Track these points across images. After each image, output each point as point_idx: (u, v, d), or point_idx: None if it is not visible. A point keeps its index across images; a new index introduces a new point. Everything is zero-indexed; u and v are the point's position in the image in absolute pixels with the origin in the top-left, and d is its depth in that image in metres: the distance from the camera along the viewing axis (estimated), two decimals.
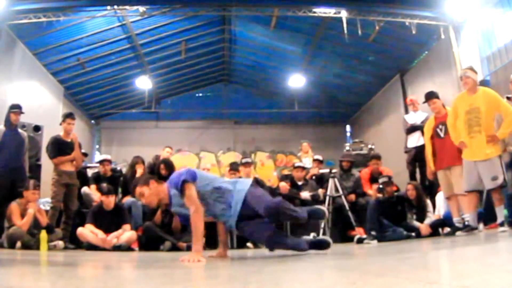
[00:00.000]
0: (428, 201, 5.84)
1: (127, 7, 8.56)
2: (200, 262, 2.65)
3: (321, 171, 7.24)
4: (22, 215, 4.90)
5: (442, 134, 5.02)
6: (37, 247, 4.74)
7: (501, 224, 4.41)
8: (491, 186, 4.37)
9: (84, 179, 6.39)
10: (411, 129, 6.76)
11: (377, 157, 6.90)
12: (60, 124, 5.80)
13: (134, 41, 10.27)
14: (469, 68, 4.72)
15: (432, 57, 9.34)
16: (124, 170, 7.29)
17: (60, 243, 5.05)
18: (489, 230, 5.25)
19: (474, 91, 4.53)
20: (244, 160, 6.57)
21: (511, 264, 1.67)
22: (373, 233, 5.24)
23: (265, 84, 14.21)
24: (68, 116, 5.80)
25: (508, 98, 5.20)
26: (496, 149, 4.38)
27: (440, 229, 5.49)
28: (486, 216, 5.28)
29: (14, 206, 4.93)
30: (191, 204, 2.87)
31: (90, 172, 7.02)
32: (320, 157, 7.60)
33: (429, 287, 1.15)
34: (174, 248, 5.11)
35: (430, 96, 5.24)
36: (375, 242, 5.10)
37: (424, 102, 5.41)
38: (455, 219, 4.89)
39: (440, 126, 5.05)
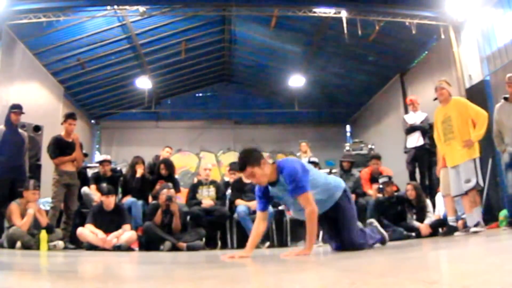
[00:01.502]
0: (428, 201, 5.85)
1: (127, 7, 8.55)
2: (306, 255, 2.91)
3: (320, 171, 7.22)
4: (22, 215, 4.90)
5: None
6: (37, 247, 4.74)
7: (476, 225, 4.48)
8: (465, 188, 4.54)
9: (84, 179, 6.39)
10: (411, 129, 6.76)
11: (377, 157, 6.91)
12: (62, 123, 5.80)
13: (134, 41, 10.26)
14: (444, 80, 5.00)
15: (432, 57, 9.34)
16: (124, 170, 7.30)
17: (60, 243, 5.05)
18: (488, 230, 5.26)
19: (447, 101, 4.84)
20: None
21: (511, 264, 1.67)
22: None
23: (265, 84, 14.20)
24: (70, 116, 5.77)
25: (505, 98, 5.21)
26: (470, 153, 4.56)
27: (440, 229, 5.49)
28: (486, 216, 5.30)
29: (14, 206, 4.93)
30: (308, 205, 2.96)
31: (90, 172, 7.02)
32: (316, 159, 7.21)
33: (429, 287, 1.15)
34: (174, 248, 5.12)
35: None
36: None
37: (435, 99, 5.46)
38: (450, 218, 4.96)
39: None
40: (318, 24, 9.74)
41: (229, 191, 6.53)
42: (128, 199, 6.15)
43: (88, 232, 5.11)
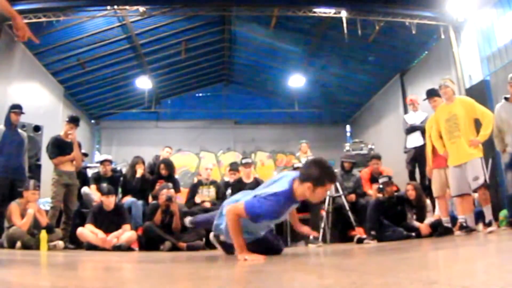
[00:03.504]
0: (428, 201, 5.85)
1: (127, 7, 8.54)
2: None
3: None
4: (22, 215, 4.90)
5: None
6: (37, 247, 4.74)
7: (489, 224, 4.48)
8: (474, 186, 4.56)
9: (84, 179, 6.39)
10: (411, 129, 6.76)
11: (377, 157, 6.90)
12: (65, 121, 5.79)
13: (134, 41, 10.26)
14: (448, 79, 5.02)
15: (432, 57, 9.33)
16: (124, 170, 7.30)
17: (60, 243, 5.05)
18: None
19: (451, 100, 4.86)
20: (244, 160, 6.57)
21: (511, 264, 1.67)
22: (373, 233, 5.25)
23: (265, 84, 14.20)
24: (73, 121, 5.72)
25: (506, 98, 5.21)
26: (477, 151, 4.59)
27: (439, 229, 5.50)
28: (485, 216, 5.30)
29: (14, 206, 4.94)
30: (235, 209, 2.74)
31: (90, 172, 7.03)
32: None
33: (429, 287, 1.15)
34: (174, 248, 5.12)
35: (431, 94, 5.29)
36: (375, 242, 5.10)
37: (425, 99, 5.46)
38: (444, 219, 4.97)
39: None
40: (318, 24, 9.73)
41: (229, 191, 6.53)
42: (128, 199, 6.15)
43: (88, 232, 5.11)
